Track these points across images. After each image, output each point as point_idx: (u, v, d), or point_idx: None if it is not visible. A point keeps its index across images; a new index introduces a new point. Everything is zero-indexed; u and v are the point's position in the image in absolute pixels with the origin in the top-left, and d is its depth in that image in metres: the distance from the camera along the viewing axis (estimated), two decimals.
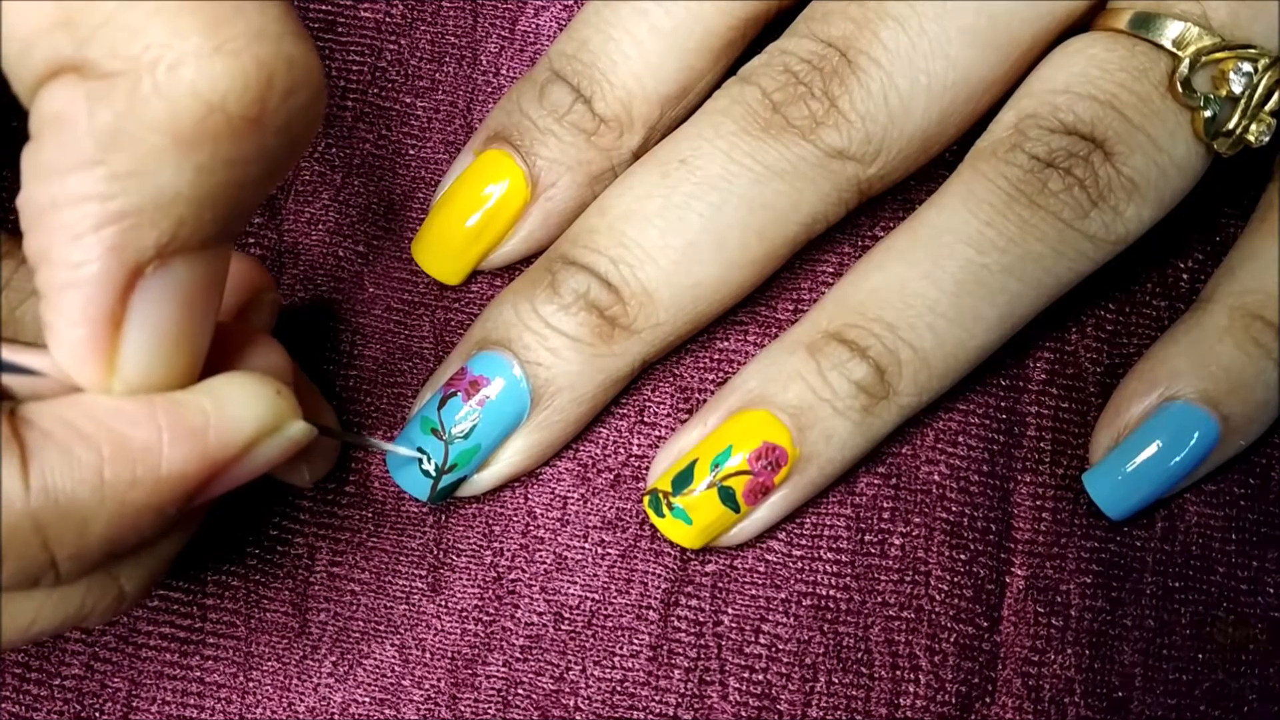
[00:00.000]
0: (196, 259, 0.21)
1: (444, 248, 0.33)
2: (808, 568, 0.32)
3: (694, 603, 0.32)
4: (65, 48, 0.19)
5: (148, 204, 0.20)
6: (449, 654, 0.32)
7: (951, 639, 0.32)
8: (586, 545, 0.32)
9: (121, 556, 0.24)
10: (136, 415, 0.22)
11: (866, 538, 0.32)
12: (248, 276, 0.29)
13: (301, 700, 0.32)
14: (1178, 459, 0.30)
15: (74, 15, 0.19)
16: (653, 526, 0.32)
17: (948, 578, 0.32)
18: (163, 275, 0.21)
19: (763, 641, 0.32)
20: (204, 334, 0.23)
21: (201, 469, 0.23)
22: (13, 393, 0.23)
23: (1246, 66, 0.29)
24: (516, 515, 0.33)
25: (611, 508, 0.33)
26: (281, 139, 0.21)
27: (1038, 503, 0.32)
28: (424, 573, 0.32)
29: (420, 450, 0.31)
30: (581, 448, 0.33)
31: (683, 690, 0.32)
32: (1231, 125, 0.29)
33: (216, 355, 0.25)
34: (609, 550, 0.32)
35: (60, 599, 0.25)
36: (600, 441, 0.33)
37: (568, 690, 0.32)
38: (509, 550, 0.32)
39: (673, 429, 0.33)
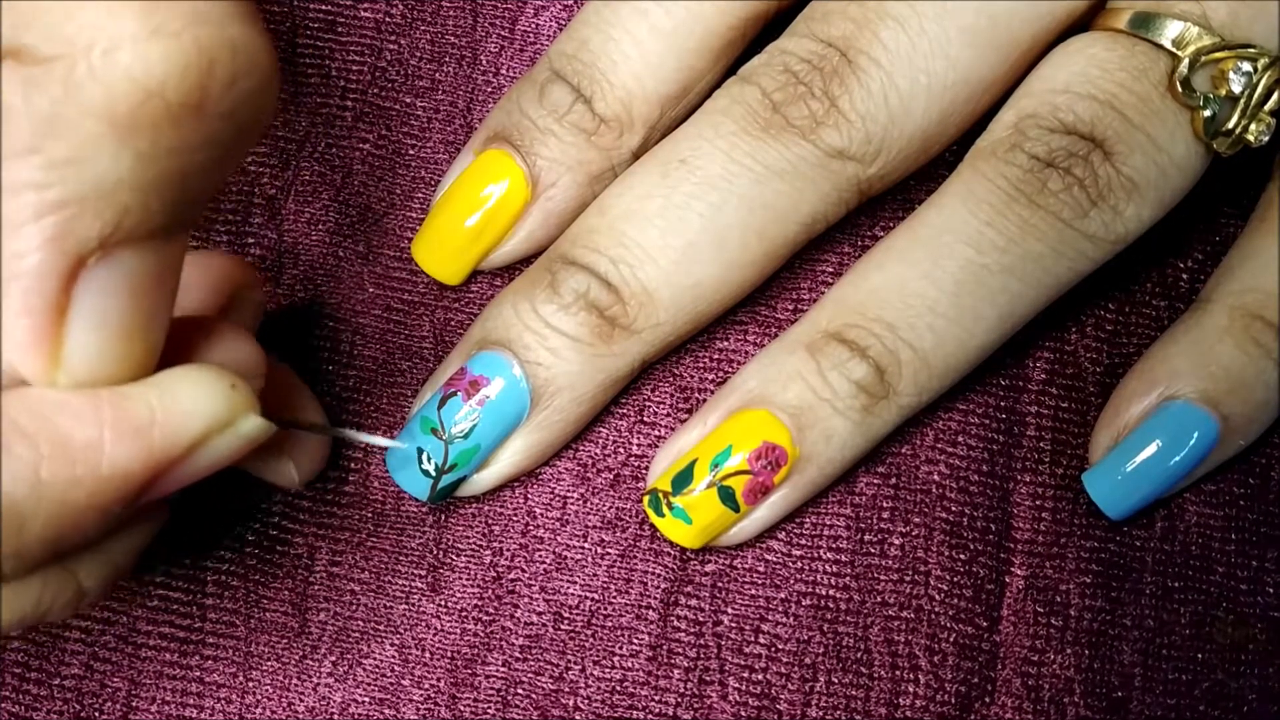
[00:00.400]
0: (145, 249, 0.21)
1: (444, 248, 0.33)
2: (807, 568, 0.32)
3: (694, 602, 0.32)
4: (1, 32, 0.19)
5: (88, 192, 0.19)
6: (449, 654, 0.32)
7: (951, 639, 0.32)
8: (586, 545, 0.32)
9: (71, 554, 0.24)
10: (80, 410, 0.21)
11: (866, 538, 0.32)
12: (230, 274, 0.29)
13: (301, 700, 0.32)
14: (1177, 459, 0.30)
15: None
16: (652, 526, 0.32)
17: (947, 578, 0.32)
18: (108, 266, 0.20)
19: (762, 641, 0.32)
20: (157, 326, 0.22)
21: (145, 468, 0.22)
22: None
23: (1246, 66, 0.29)
24: (516, 515, 0.33)
25: (611, 507, 0.33)
26: (228, 126, 0.20)
27: (1037, 503, 0.32)
28: (424, 573, 0.32)
29: (422, 449, 0.31)
30: (581, 448, 0.33)
31: (682, 690, 0.32)
32: (1231, 125, 0.29)
33: (182, 347, 0.24)
34: (609, 550, 0.32)
35: (15, 595, 0.24)
36: (600, 441, 0.33)
37: (567, 690, 0.32)
38: (509, 550, 0.32)
39: (673, 429, 0.33)
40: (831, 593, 0.32)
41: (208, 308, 0.29)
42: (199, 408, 0.22)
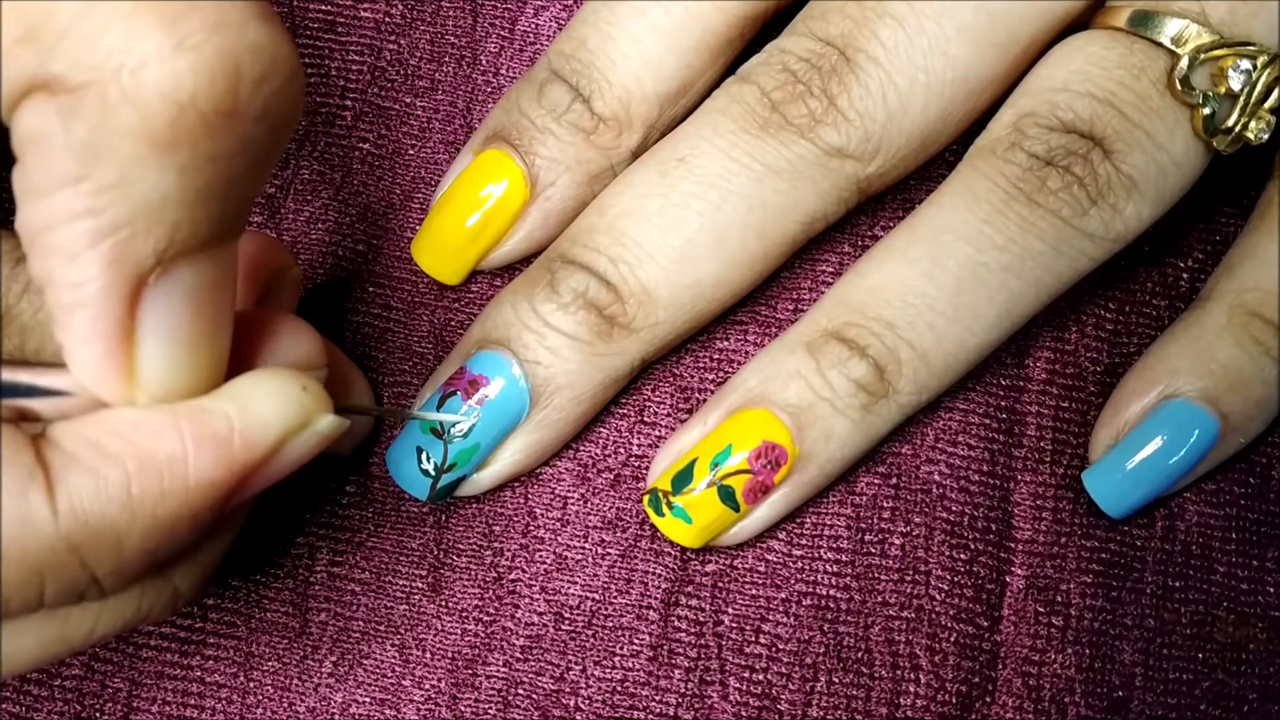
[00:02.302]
0: (199, 260, 0.21)
1: (443, 248, 0.33)
2: (808, 567, 0.32)
3: (694, 602, 0.32)
4: (30, 64, 0.19)
5: (138, 213, 0.20)
6: (449, 654, 0.32)
7: (952, 638, 0.32)
8: (586, 545, 0.32)
9: (168, 562, 0.25)
10: (160, 428, 0.22)
11: (866, 537, 0.32)
12: (265, 255, 0.29)
13: (302, 700, 0.32)
14: (1177, 457, 0.30)
15: (35, 28, 0.19)
16: (653, 526, 0.32)
17: (948, 577, 0.32)
18: (168, 282, 0.21)
19: (763, 641, 0.32)
20: (222, 333, 0.23)
21: (230, 475, 0.23)
22: (40, 415, 0.23)
23: (1245, 64, 0.29)
24: (516, 515, 0.33)
25: (611, 507, 0.33)
26: (262, 127, 0.20)
27: (1038, 502, 0.32)
28: (424, 573, 0.32)
29: (421, 448, 0.31)
30: (581, 448, 0.33)
31: (683, 690, 0.32)
32: (1231, 122, 0.29)
33: (246, 345, 0.25)
34: (609, 550, 0.32)
35: (116, 604, 0.25)
36: (600, 441, 0.33)
37: (568, 690, 0.32)
38: (509, 550, 0.32)
39: (673, 429, 0.33)
40: (832, 593, 0.32)
41: (248, 293, 0.29)
42: (275, 413, 0.23)
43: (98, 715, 0.32)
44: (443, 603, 0.32)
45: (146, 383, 0.22)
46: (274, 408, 0.23)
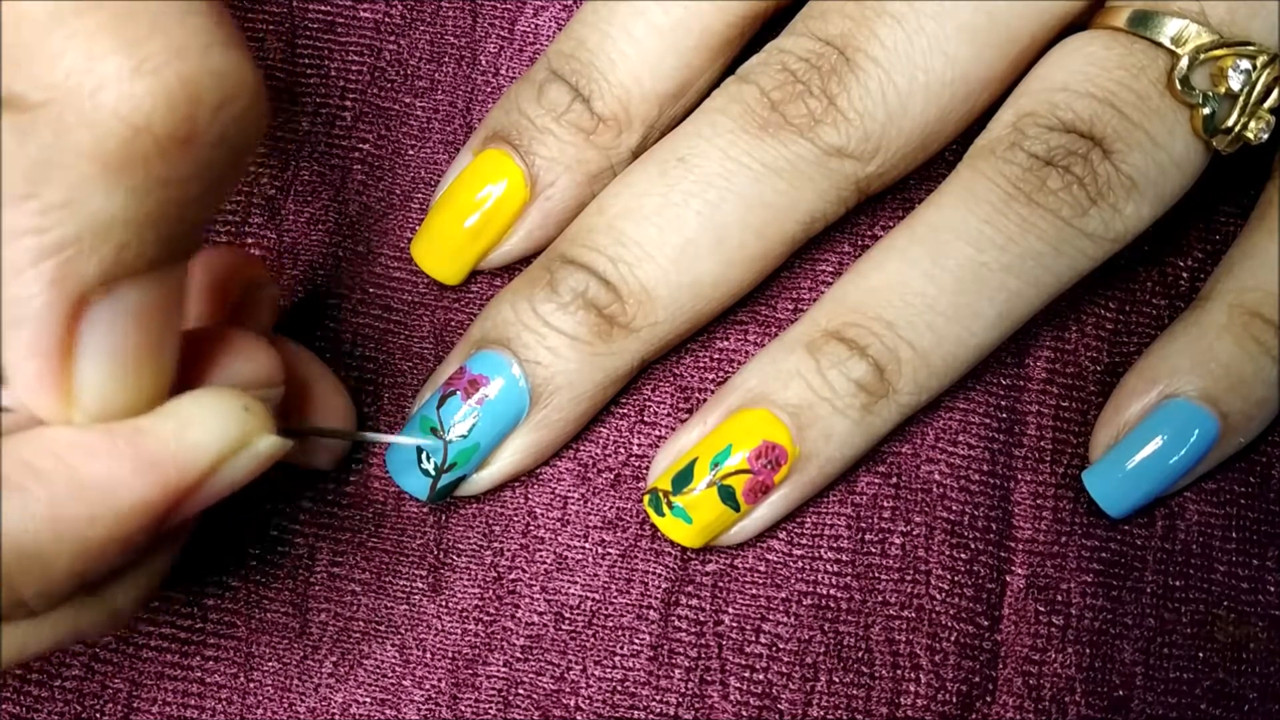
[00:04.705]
0: (146, 281, 0.21)
1: (443, 248, 0.33)
2: (808, 567, 0.32)
3: (694, 602, 0.32)
4: None
5: (85, 233, 0.19)
6: (449, 654, 0.32)
7: (952, 638, 0.32)
8: (587, 545, 0.32)
9: (106, 581, 0.24)
10: (95, 447, 0.22)
11: (867, 537, 0.32)
12: (238, 269, 0.29)
13: (302, 701, 0.32)
14: (1177, 457, 0.30)
15: None
16: (653, 526, 0.32)
17: (948, 577, 0.32)
18: (111, 302, 0.20)
19: (763, 641, 0.32)
20: (166, 352, 0.23)
21: (164, 497, 0.22)
22: None
23: (1245, 64, 0.29)
24: (517, 515, 0.33)
25: (612, 507, 0.33)
26: (219, 152, 0.20)
27: (1038, 501, 0.32)
28: (424, 573, 0.32)
29: (421, 448, 0.31)
30: (581, 448, 0.33)
31: (683, 690, 0.32)
32: (1230, 122, 0.29)
33: (198, 362, 0.24)
34: (609, 550, 0.32)
35: (50, 623, 0.24)
36: (600, 441, 0.33)
37: (568, 690, 0.32)
38: (509, 550, 0.32)
39: (673, 429, 0.33)
40: (832, 592, 0.32)
41: (217, 310, 0.29)
42: (213, 434, 0.23)
43: (98, 715, 0.32)
44: (443, 603, 0.32)
45: (84, 402, 0.22)
46: (211, 429, 0.23)
